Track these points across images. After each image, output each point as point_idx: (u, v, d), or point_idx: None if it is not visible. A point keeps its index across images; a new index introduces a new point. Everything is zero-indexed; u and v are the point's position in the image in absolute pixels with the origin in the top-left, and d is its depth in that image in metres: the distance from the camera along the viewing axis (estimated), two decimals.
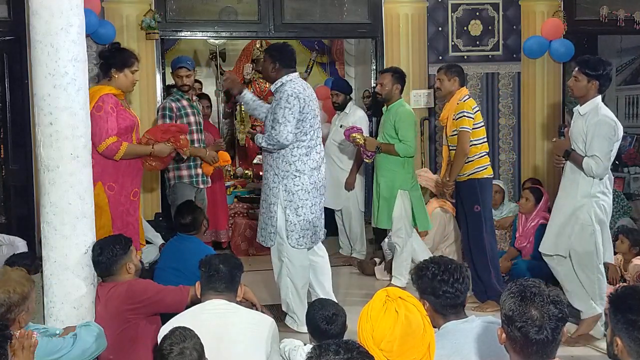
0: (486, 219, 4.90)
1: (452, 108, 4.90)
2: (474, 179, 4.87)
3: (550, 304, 1.98)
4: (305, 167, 4.31)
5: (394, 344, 2.16)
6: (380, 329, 2.19)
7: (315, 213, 4.39)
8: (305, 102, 4.26)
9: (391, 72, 5.37)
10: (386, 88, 5.30)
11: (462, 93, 4.91)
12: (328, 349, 1.76)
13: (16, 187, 6.19)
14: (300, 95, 4.24)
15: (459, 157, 4.83)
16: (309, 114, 4.29)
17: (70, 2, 3.19)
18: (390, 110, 5.33)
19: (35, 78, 3.22)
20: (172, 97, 5.35)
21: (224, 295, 2.89)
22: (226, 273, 2.91)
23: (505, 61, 6.65)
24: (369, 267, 6.04)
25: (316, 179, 4.38)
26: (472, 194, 4.88)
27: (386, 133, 5.30)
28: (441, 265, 2.57)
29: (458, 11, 6.55)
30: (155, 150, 4.06)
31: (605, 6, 6.68)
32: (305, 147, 4.30)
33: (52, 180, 3.21)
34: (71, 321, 3.20)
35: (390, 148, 5.23)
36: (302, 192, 4.30)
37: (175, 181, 5.30)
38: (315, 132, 4.35)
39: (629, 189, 7.48)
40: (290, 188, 4.29)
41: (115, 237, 3.43)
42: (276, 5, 6.26)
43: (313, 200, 4.36)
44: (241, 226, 6.97)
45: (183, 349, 2.39)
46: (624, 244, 4.89)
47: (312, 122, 4.33)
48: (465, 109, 4.80)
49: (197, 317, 2.78)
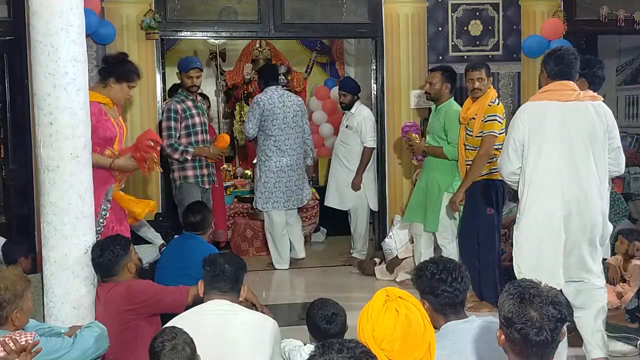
0: (498, 221, 4.88)
1: (482, 108, 4.80)
2: (489, 179, 4.81)
3: (549, 305, 1.97)
4: (272, 154, 5.97)
5: (395, 344, 2.16)
6: (381, 328, 2.18)
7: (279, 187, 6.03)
8: (265, 108, 5.90)
9: (441, 71, 5.27)
10: (435, 87, 5.22)
11: (492, 94, 4.84)
12: (331, 348, 1.76)
13: (16, 187, 6.19)
14: (261, 102, 5.93)
15: (480, 161, 4.75)
16: (269, 117, 5.91)
17: (70, 2, 3.20)
18: (439, 111, 5.25)
19: (35, 78, 3.22)
20: (176, 99, 5.36)
21: (228, 295, 2.85)
22: (231, 273, 2.87)
23: (505, 61, 6.64)
24: (369, 267, 6.04)
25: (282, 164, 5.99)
26: (486, 195, 4.82)
27: (435, 134, 5.22)
28: (440, 265, 2.57)
29: (458, 11, 6.55)
30: (115, 164, 3.80)
31: (605, 6, 6.67)
32: (273, 141, 5.96)
33: (52, 180, 3.21)
34: (71, 321, 3.20)
35: (437, 151, 5.16)
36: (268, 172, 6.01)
37: (180, 181, 5.41)
38: (283, 133, 5.96)
39: (629, 189, 7.47)
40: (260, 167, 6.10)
41: (114, 238, 3.42)
42: (276, 5, 6.26)
43: (276, 178, 6.00)
44: (241, 226, 6.97)
45: (175, 345, 2.40)
46: (623, 245, 4.88)
47: (275, 123, 5.93)
48: (498, 112, 4.75)
49: (199, 318, 2.77)
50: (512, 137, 3.64)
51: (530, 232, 3.62)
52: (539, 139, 3.58)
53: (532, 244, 3.61)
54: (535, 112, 3.62)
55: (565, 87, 3.62)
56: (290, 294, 5.64)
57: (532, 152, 3.59)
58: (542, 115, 3.60)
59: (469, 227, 4.99)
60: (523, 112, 3.67)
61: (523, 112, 3.67)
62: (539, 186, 3.57)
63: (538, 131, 3.58)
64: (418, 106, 6.45)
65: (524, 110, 3.68)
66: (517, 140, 3.62)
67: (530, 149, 3.59)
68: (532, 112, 3.64)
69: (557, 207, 3.55)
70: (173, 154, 5.37)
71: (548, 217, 3.57)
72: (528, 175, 3.60)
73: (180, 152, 5.36)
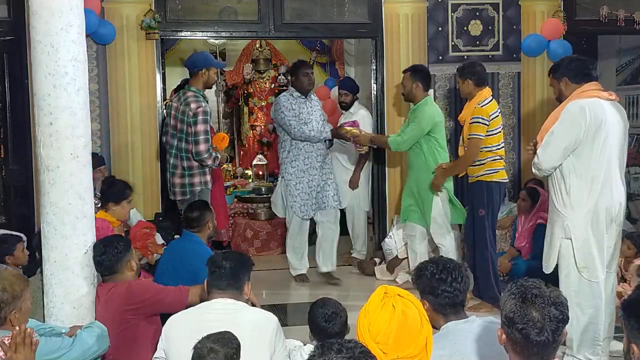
0: (491, 223, 4.88)
1: (469, 111, 4.83)
2: (482, 181, 4.83)
3: (551, 305, 1.97)
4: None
5: (390, 337, 2.17)
6: (377, 322, 2.20)
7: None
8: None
9: (410, 71, 5.32)
10: (406, 87, 5.30)
11: (482, 96, 4.83)
12: (330, 348, 1.77)
13: (16, 187, 6.19)
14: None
15: (461, 161, 4.83)
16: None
17: (70, 2, 3.19)
18: (414, 111, 5.29)
19: (35, 78, 3.22)
20: (200, 99, 4.84)
21: (228, 293, 2.85)
22: (228, 270, 2.87)
23: (505, 61, 6.64)
24: (369, 267, 6.05)
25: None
26: (479, 196, 4.85)
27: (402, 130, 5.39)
28: (439, 265, 2.58)
29: (458, 11, 6.55)
30: None
31: (605, 6, 6.67)
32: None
33: (52, 180, 3.21)
34: (71, 321, 3.20)
35: (382, 139, 5.44)
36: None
37: (202, 187, 4.99)
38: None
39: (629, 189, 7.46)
40: None
41: (116, 236, 3.44)
42: (276, 5, 6.25)
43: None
44: (241, 226, 6.97)
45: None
46: (630, 250, 4.87)
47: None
48: (482, 114, 4.74)
49: (202, 316, 2.78)
50: (574, 135, 3.65)
51: (586, 226, 3.71)
52: (601, 135, 3.66)
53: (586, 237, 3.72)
54: (595, 108, 3.66)
55: (599, 87, 3.73)
56: (290, 294, 5.64)
57: (594, 148, 3.66)
58: (603, 112, 3.66)
59: (468, 228, 5.06)
60: (582, 108, 3.66)
61: (582, 108, 3.66)
62: (598, 181, 3.69)
63: (600, 126, 3.65)
64: None
65: (582, 107, 3.66)
66: (577, 138, 3.66)
67: (585, 146, 3.66)
68: (592, 108, 3.66)
69: (610, 202, 3.71)
70: (208, 160, 4.81)
71: (603, 213, 3.70)
72: (583, 170, 3.68)
73: (213, 158, 4.85)
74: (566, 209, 3.74)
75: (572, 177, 3.71)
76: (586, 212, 3.70)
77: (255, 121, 8.74)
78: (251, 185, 7.70)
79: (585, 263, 3.69)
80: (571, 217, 3.72)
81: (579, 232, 3.71)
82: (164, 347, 2.81)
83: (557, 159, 3.71)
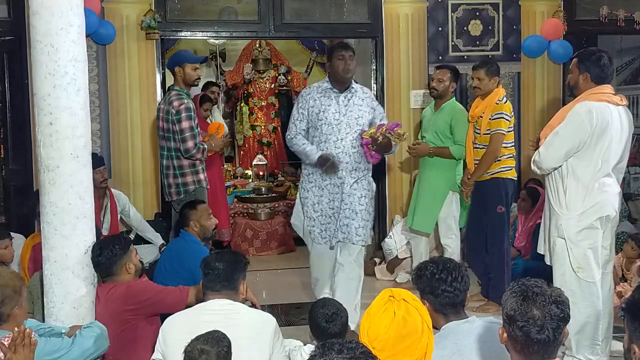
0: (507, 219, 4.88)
1: (489, 107, 4.79)
2: (498, 178, 4.80)
3: (552, 304, 1.97)
4: None
5: (386, 344, 2.17)
6: (375, 327, 2.20)
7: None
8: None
9: (450, 70, 5.20)
10: (445, 84, 5.12)
11: (500, 93, 4.83)
12: (331, 348, 1.77)
13: (16, 187, 6.19)
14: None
15: (488, 157, 4.75)
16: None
17: (70, 2, 3.19)
18: (443, 110, 5.16)
19: (35, 78, 3.22)
20: (182, 96, 4.78)
21: (223, 294, 2.84)
22: (221, 271, 2.85)
23: (505, 61, 6.64)
24: (369, 267, 6.03)
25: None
26: (496, 193, 4.82)
27: (440, 133, 5.14)
28: (439, 265, 2.57)
29: (458, 11, 6.55)
30: None
31: (605, 6, 6.67)
32: None
33: (52, 180, 3.21)
34: (71, 321, 3.20)
35: (444, 152, 5.07)
36: None
37: (195, 186, 4.73)
38: None
39: (629, 189, 7.47)
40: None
41: (114, 237, 3.43)
42: (276, 5, 6.26)
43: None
44: (241, 226, 6.98)
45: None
46: (634, 251, 4.88)
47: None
48: (505, 110, 4.74)
49: (199, 317, 2.76)
50: (578, 139, 3.64)
51: (580, 227, 3.71)
52: (605, 140, 3.64)
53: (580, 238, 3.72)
54: (602, 113, 3.63)
55: (612, 91, 3.71)
56: (290, 294, 5.64)
57: (596, 152, 3.65)
58: (609, 116, 3.64)
59: (476, 227, 4.98)
60: (589, 112, 3.63)
61: (589, 112, 3.63)
62: (595, 185, 3.67)
63: (604, 131, 3.63)
64: (417, 106, 6.46)
65: (590, 110, 3.64)
66: (582, 141, 3.65)
67: (588, 149, 3.65)
68: (600, 112, 3.64)
69: (606, 205, 3.69)
70: (197, 154, 4.71)
71: (598, 215, 3.69)
72: (582, 173, 3.67)
73: (201, 151, 4.74)
74: (561, 209, 3.73)
75: (571, 179, 3.70)
76: (581, 213, 3.69)
77: (255, 121, 8.73)
78: (251, 185, 7.70)
79: (580, 263, 3.69)
80: (566, 217, 3.71)
81: (572, 233, 3.70)
82: (161, 349, 2.79)
83: (558, 161, 3.71)
